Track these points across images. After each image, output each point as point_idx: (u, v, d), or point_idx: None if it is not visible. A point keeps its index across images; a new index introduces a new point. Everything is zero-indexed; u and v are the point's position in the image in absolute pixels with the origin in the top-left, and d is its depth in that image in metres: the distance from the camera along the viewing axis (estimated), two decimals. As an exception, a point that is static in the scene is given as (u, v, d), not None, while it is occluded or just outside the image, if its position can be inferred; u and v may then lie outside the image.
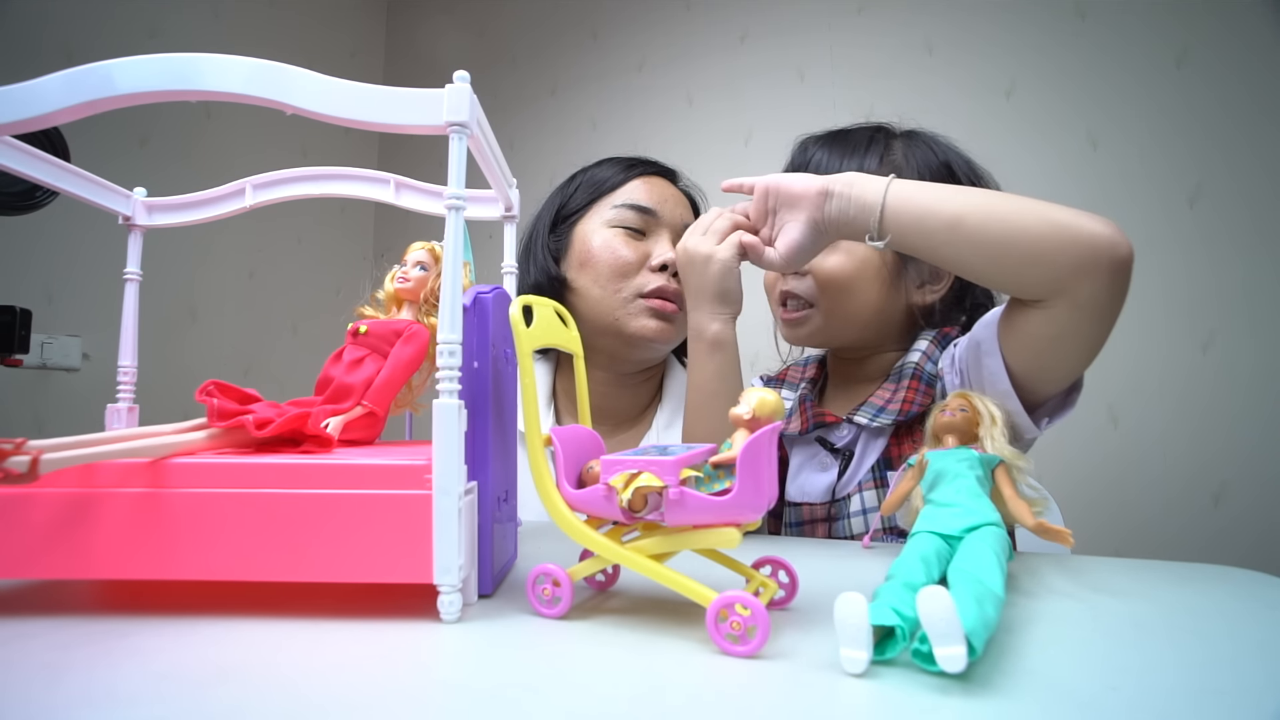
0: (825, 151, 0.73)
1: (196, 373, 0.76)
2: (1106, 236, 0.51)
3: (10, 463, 0.31)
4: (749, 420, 0.35)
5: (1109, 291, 0.52)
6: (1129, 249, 0.51)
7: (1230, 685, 0.29)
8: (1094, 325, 0.55)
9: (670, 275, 0.84)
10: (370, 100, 0.37)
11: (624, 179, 0.90)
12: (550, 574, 0.37)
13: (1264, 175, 1.48)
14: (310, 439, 0.42)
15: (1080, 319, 0.54)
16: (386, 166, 0.62)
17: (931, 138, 0.75)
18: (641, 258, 0.85)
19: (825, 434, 0.72)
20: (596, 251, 0.86)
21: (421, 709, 0.26)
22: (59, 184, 0.47)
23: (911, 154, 0.71)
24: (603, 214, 0.88)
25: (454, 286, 0.37)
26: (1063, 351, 0.57)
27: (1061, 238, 0.52)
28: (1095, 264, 0.51)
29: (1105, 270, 0.51)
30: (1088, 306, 0.53)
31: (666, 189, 0.91)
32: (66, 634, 0.34)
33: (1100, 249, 0.51)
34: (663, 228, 0.87)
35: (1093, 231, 0.51)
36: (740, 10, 2.09)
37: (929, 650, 0.28)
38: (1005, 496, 0.46)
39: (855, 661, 0.29)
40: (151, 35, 1.99)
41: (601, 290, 0.85)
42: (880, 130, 0.75)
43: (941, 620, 0.27)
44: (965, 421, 0.50)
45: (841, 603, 0.29)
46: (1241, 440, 1.46)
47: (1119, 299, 0.53)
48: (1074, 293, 0.53)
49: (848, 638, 0.29)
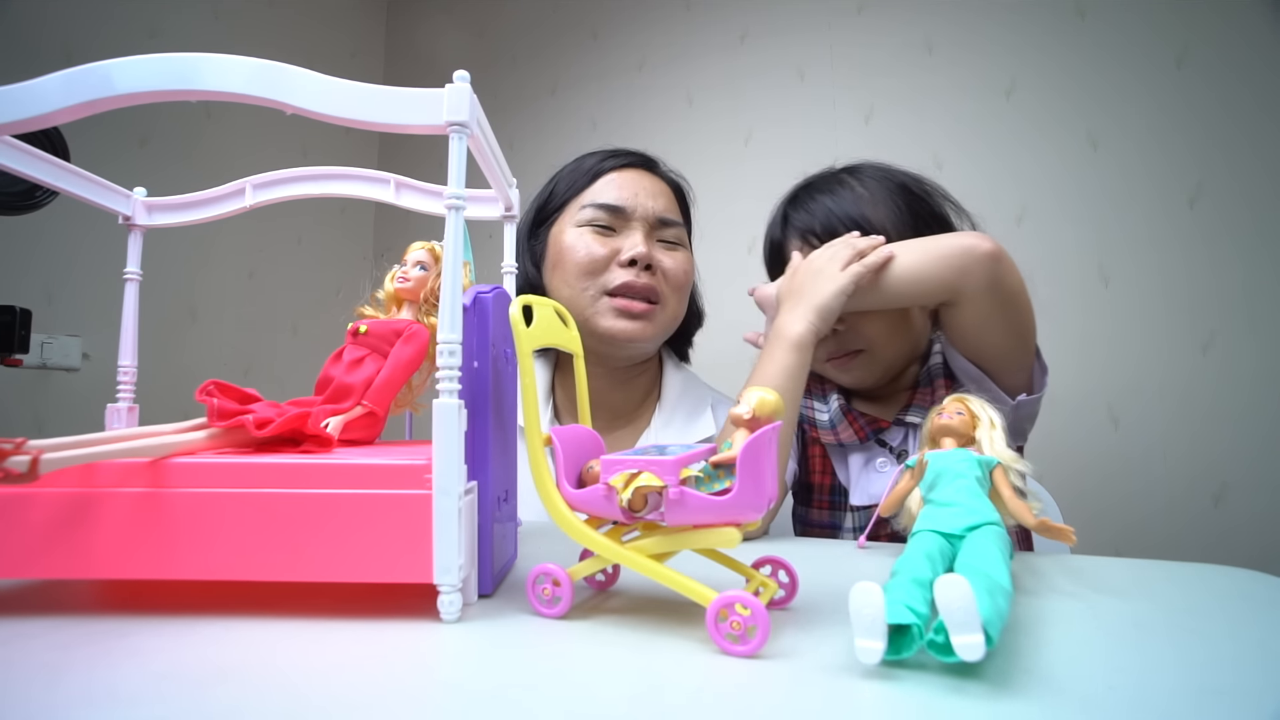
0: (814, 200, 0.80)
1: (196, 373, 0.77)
2: (969, 242, 0.65)
3: (10, 463, 0.31)
4: (749, 420, 0.35)
5: (989, 279, 0.65)
6: (989, 246, 0.64)
7: (1230, 685, 0.29)
8: (1001, 308, 0.67)
9: (641, 269, 0.84)
10: (370, 100, 0.36)
11: (596, 173, 0.89)
12: (550, 574, 0.37)
13: (1264, 175, 1.48)
14: (310, 439, 0.42)
15: (985, 305, 0.66)
16: (386, 166, 0.62)
17: (874, 165, 0.83)
18: (611, 254, 0.84)
19: (883, 436, 0.77)
20: (566, 251, 0.85)
21: (421, 709, 0.26)
22: (59, 184, 0.47)
23: (867, 183, 0.79)
24: (574, 214, 0.87)
25: (454, 286, 0.37)
26: (988, 334, 0.69)
27: (940, 255, 0.66)
28: (965, 267, 0.65)
29: (977, 264, 0.64)
30: (984, 295, 0.66)
31: (640, 180, 0.89)
32: (66, 634, 0.34)
33: (965, 254, 0.65)
34: (634, 222, 0.86)
35: (956, 243, 0.66)
36: (740, 10, 2.09)
37: (944, 641, 0.28)
38: (1004, 497, 0.46)
39: (870, 652, 0.28)
40: (151, 35, 1.99)
41: (570, 290, 0.85)
42: (831, 174, 0.83)
43: (960, 608, 0.27)
44: (962, 424, 0.50)
45: (857, 593, 0.28)
46: (1242, 440, 1.46)
47: (1005, 285, 0.65)
48: (966, 287, 0.66)
49: (863, 628, 0.28)
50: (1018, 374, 0.71)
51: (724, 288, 1.16)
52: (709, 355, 1.02)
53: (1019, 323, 0.68)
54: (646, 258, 0.84)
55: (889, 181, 0.80)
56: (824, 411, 0.78)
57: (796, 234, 0.78)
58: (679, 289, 0.89)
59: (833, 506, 0.77)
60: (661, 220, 0.88)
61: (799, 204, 0.80)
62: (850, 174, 0.81)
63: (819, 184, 0.81)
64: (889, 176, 0.80)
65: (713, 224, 0.97)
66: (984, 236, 0.66)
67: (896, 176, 0.81)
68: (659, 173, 0.93)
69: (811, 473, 0.80)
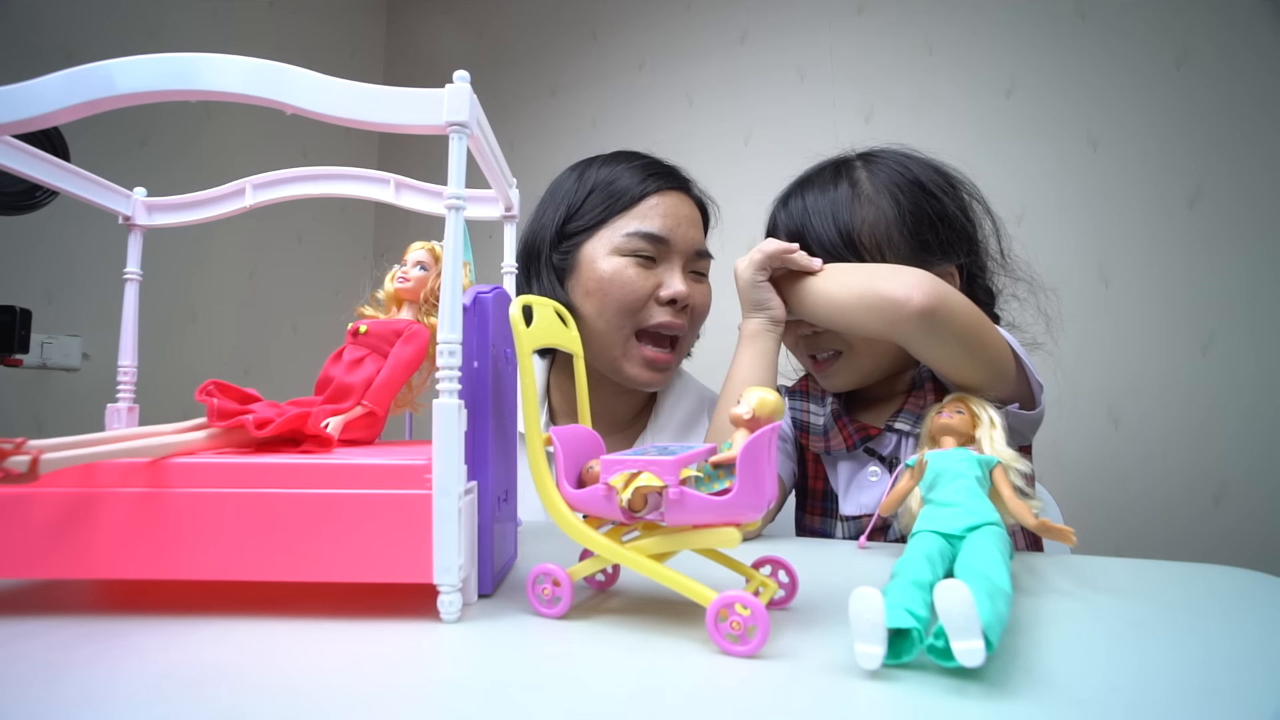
0: (800, 199, 0.76)
1: (196, 373, 0.77)
2: (899, 296, 0.59)
3: (10, 463, 0.31)
4: (749, 420, 0.35)
5: (923, 332, 0.59)
6: (920, 302, 0.58)
7: (1230, 685, 0.29)
8: (950, 350, 0.61)
9: (678, 310, 0.83)
10: (370, 100, 0.37)
11: (640, 194, 0.85)
12: (550, 574, 0.37)
13: (1264, 175, 1.48)
14: (310, 439, 0.42)
15: (930, 352, 0.62)
16: (386, 166, 0.62)
17: (895, 155, 0.77)
18: (652, 288, 0.82)
19: (871, 445, 0.75)
20: (606, 282, 0.81)
21: (421, 708, 0.26)
22: (59, 184, 0.47)
23: (876, 176, 0.75)
24: (613, 239, 0.83)
25: (454, 286, 0.37)
26: (950, 369, 0.63)
27: (863, 297, 0.62)
28: (893, 324, 0.60)
29: (906, 322, 0.59)
30: (923, 344, 0.61)
31: (681, 206, 0.86)
32: (66, 634, 0.34)
33: (893, 309, 0.59)
34: (675, 255, 0.84)
35: (885, 293, 0.60)
36: (740, 10, 2.09)
37: (944, 646, 0.27)
38: (1004, 497, 0.46)
39: (870, 657, 0.28)
40: (151, 35, 1.99)
41: (606, 325, 0.82)
42: (841, 163, 0.78)
43: (960, 614, 0.27)
44: (962, 423, 0.51)
45: (857, 598, 0.28)
46: (1242, 440, 1.46)
47: (948, 334, 0.59)
48: (899, 338, 0.62)
49: (863, 633, 0.28)
50: (1002, 390, 0.65)
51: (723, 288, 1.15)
52: (709, 355, 1.02)
53: (982, 357, 0.62)
54: (686, 298, 0.83)
55: (900, 176, 0.74)
56: (819, 416, 0.78)
57: (782, 232, 0.76)
58: (699, 321, 0.89)
59: (824, 514, 0.77)
60: (698, 253, 0.87)
61: (787, 201, 0.79)
62: (863, 163, 0.77)
63: (816, 178, 0.78)
64: (902, 170, 0.75)
65: (712, 224, 0.97)
66: (919, 284, 0.58)
67: (911, 170, 0.75)
68: (693, 194, 0.91)
69: (807, 477, 0.80)
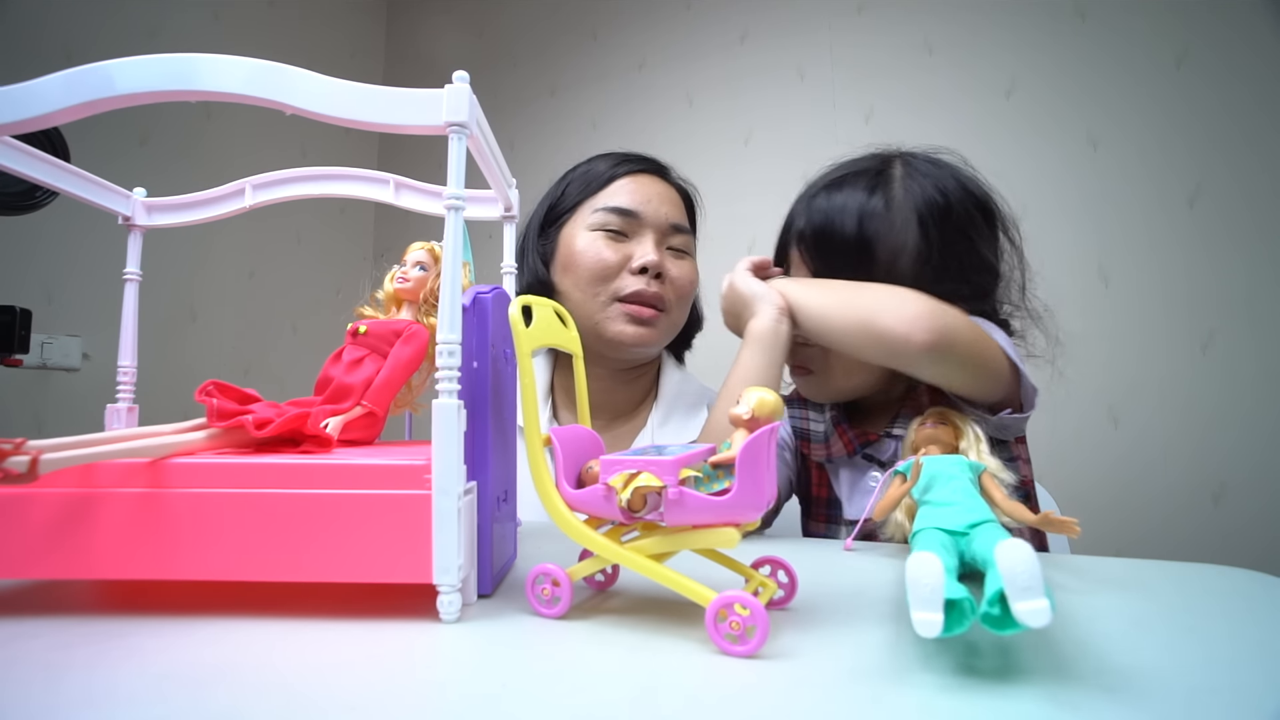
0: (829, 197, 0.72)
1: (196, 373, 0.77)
2: (900, 333, 0.57)
3: (10, 463, 0.31)
4: (748, 420, 0.35)
5: (926, 364, 0.59)
6: (922, 339, 0.56)
7: (1230, 685, 0.29)
8: (951, 372, 0.60)
9: (651, 278, 0.84)
10: (370, 100, 0.37)
11: (610, 177, 0.89)
12: (550, 574, 0.37)
13: (1264, 175, 1.48)
14: (310, 439, 0.42)
15: (927, 375, 0.62)
16: (386, 166, 0.62)
17: (931, 165, 0.73)
18: (623, 260, 0.85)
19: (870, 451, 0.75)
20: (578, 255, 0.85)
21: (421, 709, 0.26)
22: (59, 184, 0.47)
23: (910, 186, 0.70)
24: (586, 217, 0.87)
25: (453, 286, 0.37)
26: (948, 383, 0.62)
27: (863, 325, 0.60)
28: (895, 356, 0.59)
29: (907, 357, 0.58)
30: (920, 372, 0.61)
31: (653, 186, 0.89)
32: (66, 634, 0.34)
33: (895, 345, 0.58)
34: (646, 228, 0.86)
35: (887, 329, 0.58)
36: (740, 10, 2.09)
37: (998, 614, 0.26)
38: (997, 499, 0.47)
39: (929, 625, 0.26)
40: (151, 35, 1.99)
41: (581, 294, 0.85)
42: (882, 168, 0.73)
43: (1024, 572, 0.25)
44: (946, 434, 0.51)
45: (915, 563, 0.27)
46: (1242, 440, 1.46)
47: (952, 361, 0.59)
48: (900, 368, 0.61)
49: (921, 600, 0.27)
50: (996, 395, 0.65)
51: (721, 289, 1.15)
52: (709, 355, 1.02)
53: (982, 374, 0.61)
54: (658, 266, 0.84)
55: (935, 204, 0.69)
56: (819, 423, 0.78)
57: (794, 236, 0.75)
58: (683, 298, 0.90)
59: (829, 520, 0.77)
60: (673, 227, 0.88)
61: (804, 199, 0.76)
62: (902, 163, 0.73)
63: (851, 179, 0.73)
64: (941, 195, 0.70)
65: (713, 224, 0.97)
66: (919, 318, 0.56)
67: (949, 198, 0.70)
68: (670, 179, 0.94)
69: (810, 484, 0.79)
